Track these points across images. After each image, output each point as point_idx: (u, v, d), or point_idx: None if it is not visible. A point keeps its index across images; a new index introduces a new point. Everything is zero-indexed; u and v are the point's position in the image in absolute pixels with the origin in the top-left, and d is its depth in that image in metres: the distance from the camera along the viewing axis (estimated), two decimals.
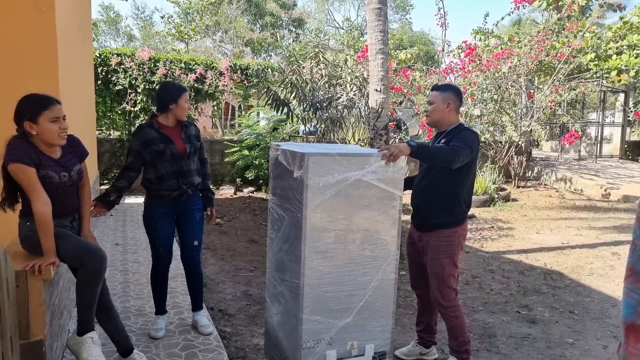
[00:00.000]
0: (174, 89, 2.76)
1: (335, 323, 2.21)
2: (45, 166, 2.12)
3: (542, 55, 9.49)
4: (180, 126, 2.81)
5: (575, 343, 3.06)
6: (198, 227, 2.86)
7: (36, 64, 2.84)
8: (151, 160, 2.74)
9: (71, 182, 2.23)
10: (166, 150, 2.71)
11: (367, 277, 2.24)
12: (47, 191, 2.11)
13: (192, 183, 2.79)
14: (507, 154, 9.40)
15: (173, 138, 2.75)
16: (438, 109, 2.54)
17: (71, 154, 2.28)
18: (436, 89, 2.62)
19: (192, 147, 2.79)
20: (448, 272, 2.51)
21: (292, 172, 2.16)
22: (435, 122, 2.58)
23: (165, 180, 2.73)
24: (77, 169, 2.27)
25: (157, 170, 2.74)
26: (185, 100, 2.75)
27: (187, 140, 2.78)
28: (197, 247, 2.88)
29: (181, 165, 2.75)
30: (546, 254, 5.12)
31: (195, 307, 2.99)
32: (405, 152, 2.18)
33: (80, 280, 2.16)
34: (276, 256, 2.41)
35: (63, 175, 2.18)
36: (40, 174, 2.09)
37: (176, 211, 2.82)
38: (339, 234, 2.17)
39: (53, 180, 2.14)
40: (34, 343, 2.06)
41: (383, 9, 4.40)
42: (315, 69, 6.18)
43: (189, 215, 2.83)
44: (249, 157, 8.21)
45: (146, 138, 2.72)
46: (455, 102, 2.55)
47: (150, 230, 2.81)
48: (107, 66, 7.70)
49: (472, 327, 3.25)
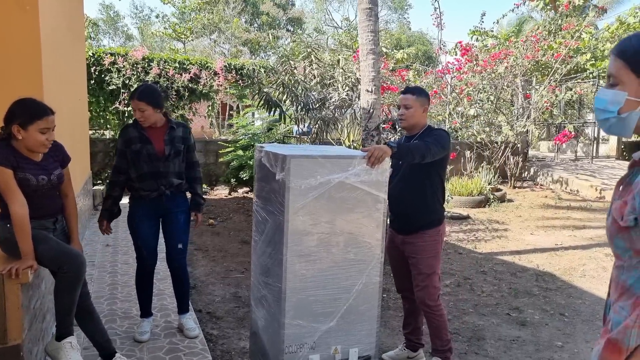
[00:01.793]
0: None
1: (318, 327, 2.18)
2: (24, 169, 2.10)
3: (538, 55, 9.48)
4: (167, 127, 2.78)
5: (565, 346, 3.04)
6: (182, 229, 2.83)
7: (20, 64, 2.81)
8: (131, 160, 2.73)
9: (50, 185, 2.21)
10: (142, 151, 2.69)
11: (351, 281, 2.22)
12: (25, 194, 2.09)
13: (170, 184, 2.76)
14: (503, 155, 9.38)
15: (154, 139, 2.72)
16: (416, 114, 2.54)
17: (52, 158, 2.26)
18: (408, 92, 2.59)
19: (172, 149, 2.75)
20: (434, 271, 2.55)
21: (274, 174, 2.13)
22: (411, 126, 2.57)
23: (144, 180, 2.72)
24: (57, 172, 2.25)
25: (136, 170, 2.74)
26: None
27: (169, 142, 2.74)
28: (182, 250, 2.85)
29: (158, 166, 2.72)
30: (539, 255, 5.10)
31: (181, 309, 2.96)
32: (388, 154, 2.16)
33: (58, 284, 2.13)
34: (260, 259, 2.38)
35: (42, 178, 2.16)
36: (18, 176, 2.07)
37: (159, 212, 2.79)
38: (322, 237, 2.14)
39: (30, 183, 2.12)
40: (12, 348, 2.03)
41: (374, 9, 4.37)
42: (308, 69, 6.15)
43: (173, 217, 2.80)
44: (244, 157, 8.18)
45: (127, 137, 2.72)
46: (427, 105, 2.62)
47: (133, 231, 2.79)
48: (100, 66, 7.66)
49: (461, 329, 3.23)
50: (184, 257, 2.89)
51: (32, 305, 2.29)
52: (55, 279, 2.16)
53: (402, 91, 2.63)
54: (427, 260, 2.54)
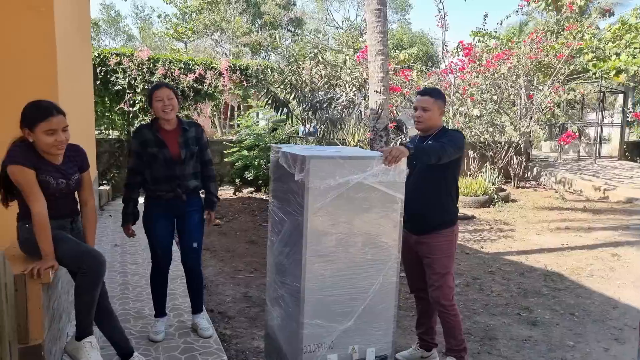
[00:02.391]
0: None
1: (336, 327, 2.19)
2: (44, 171, 2.11)
3: (541, 55, 9.50)
4: (180, 129, 2.78)
5: (576, 345, 3.05)
6: (197, 229, 2.84)
7: (35, 66, 2.82)
8: (147, 162, 2.74)
9: (68, 189, 2.23)
10: (159, 155, 2.69)
11: (368, 281, 2.23)
12: (44, 195, 2.11)
13: (186, 187, 2.77)
14: (506, 155, 9.40)
15: (169, 142, 2.71)
16: (433, 117, 2.54)
17: (72, 162, 2.26)
18: (427, 94, 2.57)
19: (187, 152, 2.74)
20: (449, 271, 2.57)
21: (292, 175, 2.15)
22: (428, 128, 2.57)
23: (159, 183, 2.73)
24: (76, 177, 2.26)
25: (151, 172, 2.74)
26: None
27: (183, 144, 2.73)
28: (197, 249, 2.86)
29: (175, 169, 2.72)
30: (546, 255, 5.12)
31: (195, 309, 2.97)
32: (405, 154, 2.19)
33: (78, 284, 2.15)
34: (277, 259, 2.39)
35: (61, 181, 2.17)
36: (39, 178, 2.08)
37: (175, 212, 2.80)
38: (340, 237, 2.15)
39: (50, 186, 2.13)
40: (33, 347, 2.04)
41: (383, 10, 4.39)
42: (315, 70, 6.16)
43: (188, 216, 2.81)
44: (248, 157, 8.20)
45: (143, 139, 2.72)
46: (444, 107, 2.62)
47: (148, 231, 2.80)
48: (106, 66, 7.67)
49: (472, 329, 3.24)
50: (199, 257, 2.90)
51: (51, 305, 2.30)
52: (76, 279, 2.17)
53: (419, 92, 2.61)
54: (442, 260, 2.55)
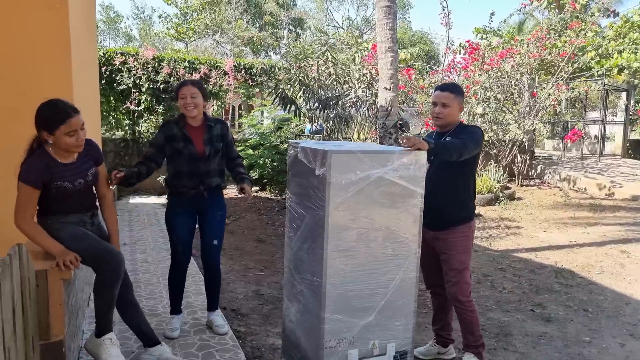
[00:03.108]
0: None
1: (357, 322, 2.19)
2: (60, 177, 2.10)
3: (544, 53, 9.50)
4: (205, 126, 2.77)
5: (592, 341, 3.05)
6: (218, 225, 2.83)
7: (50, 64, 2.80)
8: (170, 156, 2.74)
9: (87, 186, 2.23)
10: (184, 151, 2.69)
11: (388, 276, 2.23)
12: (62, 197, 2.12)
13: (209, 184, 2.75)
14: (510, 153, 9.40)
15: (194, 139, 2.71)
16: (452, 112, 2.52)
17: (87, 157, 2.26)
18: (447, 89, 2.54)
19: (212, 149, 2.74)
20: (466, 267, 2.56)
21: (312, 170, 2.14)
22: (447, 124, 2.56)
23: (182, 177, 2.73)
24: (92, 172, 2.26)
25: (174, 167, 2.74)
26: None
27: (208, 141, 2.73)
28: (217, 247, 2.85)
29: (199, 166, 2.72)
30: (555, 252, 5.11)
31: (210, 307, 2.97)
32: (425, 147, 2.18)
33: (98, 283, 2.15)
34: (295, 255, 2.39)
35: (79, 182, 2.17)
36: (54, 185, 2.09)
37: (196, 208, 2.79)
38: (361, 232, 2.15)
39: (67, 189, 2.13)
40: (54, 344, 2.03)
41: (392, 6, 4.38)
42: (323, 67, 6.16)
43: (210, 213, 2.80)
44: (253, 156, 8.17)
45: (170, 133, 2.71)
46: (463, 102, 2.61)
47: (169, 225, 2.80)
48: (111, 66, 7.66)
49: (487, 325, 3.23)
50: (219, 254, 2.89)
51: (70, 301, 2.30)
52: (95, 277, 2.16)
53: (439, 87, 2.59)
54: (459, 255, 2.55)
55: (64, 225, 2.16)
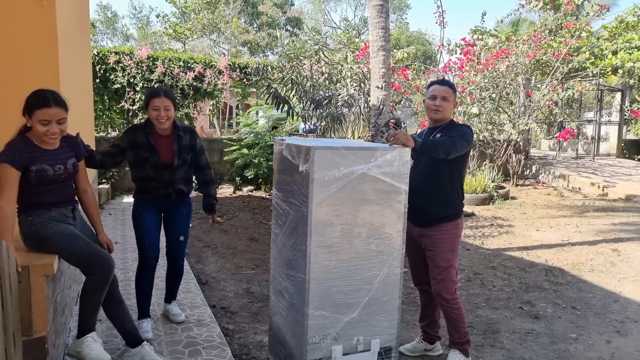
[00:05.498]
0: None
1: (341, 318, 2.19)
2: (40, 160, 2.12)
3: (539, 53, 9.52)
4: (175, 136, 2.74)
5: (579, 338, 3.06)
6: (184, 222, 2.85)
7: (37, 60, 2.80)
8: (135, 162, 2.72)
9: (67, 174, 2.23)
10: (150, 159, 2.68)
11: (372, 272, 2.23)
12: (43, 184, 2.12)
13: (177, 189, 2.78)
14: (505, 153, 9.42)
15: (161, 148, 2.69)
16: (449, 107, 2.55)
17: (67, 148, 2.27)
18: (446, 84, 2.58)
19: (180, 160, 2.73)
20: (451, 265, 2.56)
21: (297, 166, 2.15)
22: (444, 118, 2.57)
23: (150, 182, 2.73)
24: (72, 161, 2.26)
25: (139, 172, 2.74)
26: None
27: (177, 152, 2.72)
28: (183, 243, 2.87)
29: (165, 174, 2.72)
30: (547, 250, 5.13)
31: (168, 298, 3.04)
32: (410, 145, 2.19)
33: (87, 285, 2.16)
34: (281, 251, 2.39)
35: (58, 167, 2.18)
36: (34, 168, 2.10)
37: (162, 206, 2.81)
38: (344, 228, 2.15)
39: (48, 174, 2.14)
40: (37, 340, 2.03)
41: (385, 5, 4.39)
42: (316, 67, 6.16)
43: (175, 211, 2.83)
44: (248, 155, 8.18)
45: (134, 140, 2.69)
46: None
47: (136, 222, 2.79)
48: (105, 64, 7.66)
49: (475, 323, 3.24)
50: (184, 250, 2.94)
51: (55, 297, 2.30)
52: (85, 280, 2.17)
53: (437, 82, 2.61)
54: (444, 253, 2.55)
55: (47, 222, 2.15)
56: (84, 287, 2.18)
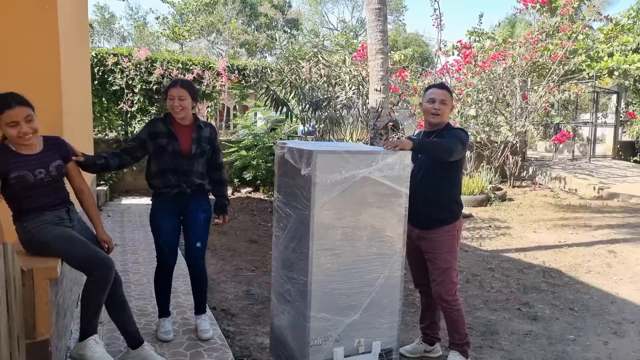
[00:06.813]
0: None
1: (342, 320, 2.21)
2: (19, 167, 2.08)
3: (536, 56, 9.59)
4: (195, 126, 2.77)
5: (577, 339, 3.09)
6: (202, 228, 2.83)
7: (38, 63, 2.81)
8: (154, 153, 2.73)
9: (50, 177, 2.16)
10: (168, 147, 2.68)
11: (373, 275, 2.26)
12: (27, 189, 2.10)
13: (192, 182, 2.75)
14: (502, 154, 9.48)
15: (181, 136, 2.72)
16: (447, 111, 2.58)
17: (51, 151, 2.22)
18: (445, 88, 2.62)
19: (199, 149, 2.75)
20: (451, 266, 2.58)
21: (299, 169, 2.17)
22: (442, 122, 2.60)
23: (165, 175, 2.72)
24: (56, 164, 2.19)
25: (157, 164, 2.73)
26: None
27: (196, 140, 2.74)
28: (200, 249, 2.85)
29: (182, 163, 2.71)
30: (544, 252, 5.17)
31: (198, 310, 2.93)
32: (408, 147, 2.23)
33: (87, 288, 2.16)
34: (282, 254, 2.41)
35: (39, 171, 2.12)
36: (13, 175, 2.06)
37: (181, 209, 2.80)
38: (346, 231, 2.17)
39: (27, 179, 2.09)
40: (40, 343, 2.04)
41: (383, 9, 4.42)
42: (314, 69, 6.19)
43: (193, 216, 2.81)
44: (247, 157, 8.19)
45: (154, 130, 2.72)
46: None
47: (154, 228, 2.80)
48: (103, 66, 7.65)
49: (474, 324, 3.27)
50: (203, 257, 2.89)
51: (57, 300, 2.31)
52: (85, 282, 2.18)
53: (435, 85, 2.64)
54: (444, 255, 2.57)
55: (43, 226, 2.14)
56: (84, 290, 2.19)
